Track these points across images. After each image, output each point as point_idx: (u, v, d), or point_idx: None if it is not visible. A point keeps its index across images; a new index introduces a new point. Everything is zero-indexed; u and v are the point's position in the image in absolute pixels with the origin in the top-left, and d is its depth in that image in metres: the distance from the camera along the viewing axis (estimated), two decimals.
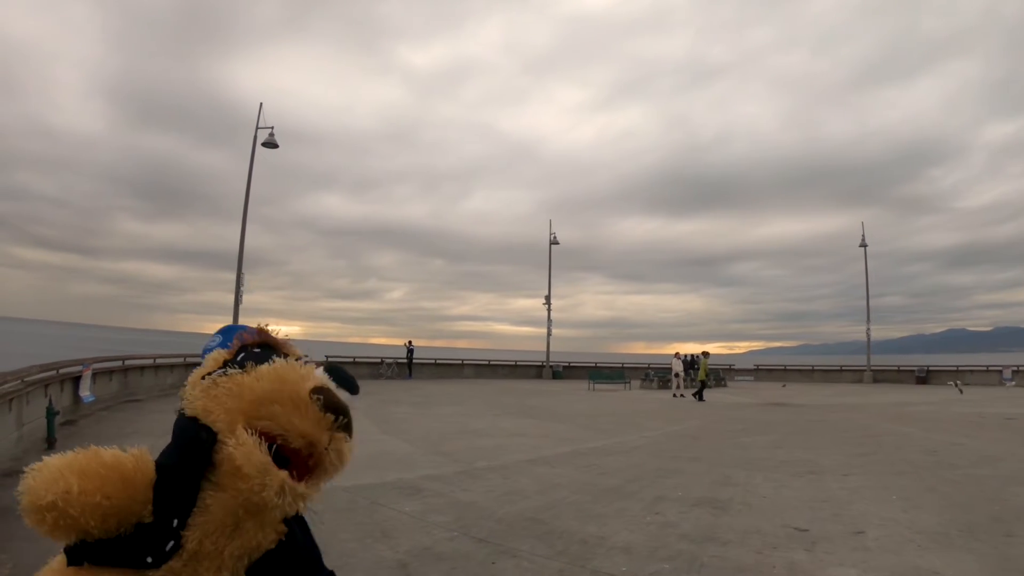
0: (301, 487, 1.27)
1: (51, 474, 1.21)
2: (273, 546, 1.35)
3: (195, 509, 1.26)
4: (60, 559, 1.29)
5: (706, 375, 20.85)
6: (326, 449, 1.30)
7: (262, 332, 1.49)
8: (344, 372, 1.44)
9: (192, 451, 1.30)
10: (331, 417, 1.29)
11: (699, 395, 19.67)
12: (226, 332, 1.54)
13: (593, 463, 8.21)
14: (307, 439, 1.28)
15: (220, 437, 1.28)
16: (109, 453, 1.30)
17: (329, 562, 1.57)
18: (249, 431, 1.27)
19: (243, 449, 1.25)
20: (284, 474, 1.25)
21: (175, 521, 1.25)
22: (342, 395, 1.36)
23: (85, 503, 1.20)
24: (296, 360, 1.43)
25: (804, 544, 4.77)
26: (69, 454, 1.28)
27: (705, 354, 21.71)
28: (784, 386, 26.58)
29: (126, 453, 1.32)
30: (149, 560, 1.23)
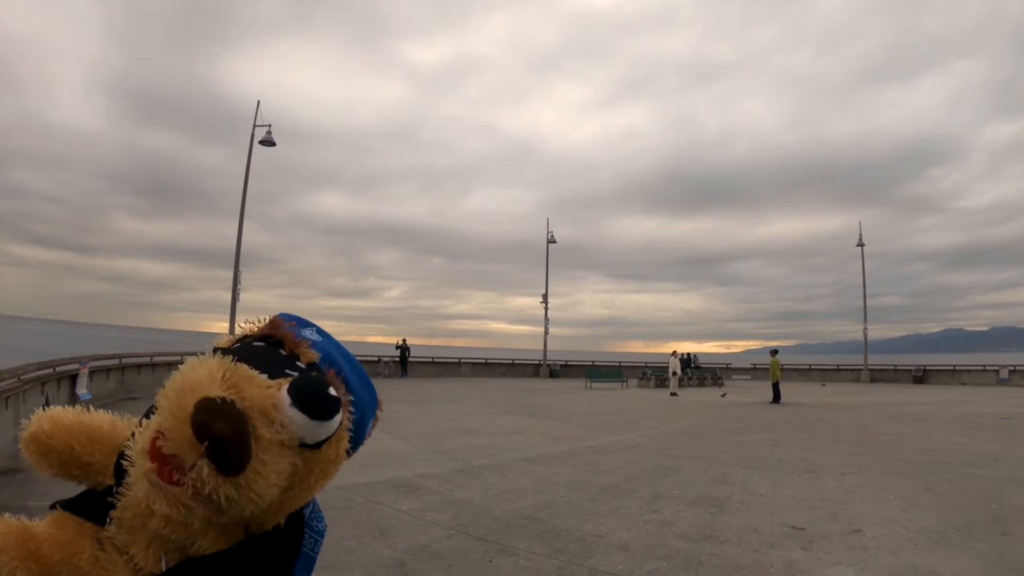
0: (175, 490, 1.05)
1: (37, 416, 1.40)
2: (209, 551, 1.16)
3: (125, 481, 1.23)
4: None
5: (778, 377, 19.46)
6: (188, 471, 1.04)
7: (273, 324, 1.27)
8: (313, 391, 1.10)
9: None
10: (190, 436, 1.03)
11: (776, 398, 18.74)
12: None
13: (591, 461, 8.21)
14: (172, 451, 1.05)
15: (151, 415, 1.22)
16: (97, 414, 1.43)
17: (326, 560, 1.55)
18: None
19: (140, 432, 1.14)
20: (150, 466, 1.05)
21: (114, 488, 1.27)
22: (296, 417, 1.08)
23: (51, 446, 1.38)
24: (307, 363, 1.22)
25: (801, 543, 4.78)
26: (67, 407, 1.42)
27: (774, 351, 20.37)
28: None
29: (116, 417, 1.43)
30: (109, 520, 1.28)
